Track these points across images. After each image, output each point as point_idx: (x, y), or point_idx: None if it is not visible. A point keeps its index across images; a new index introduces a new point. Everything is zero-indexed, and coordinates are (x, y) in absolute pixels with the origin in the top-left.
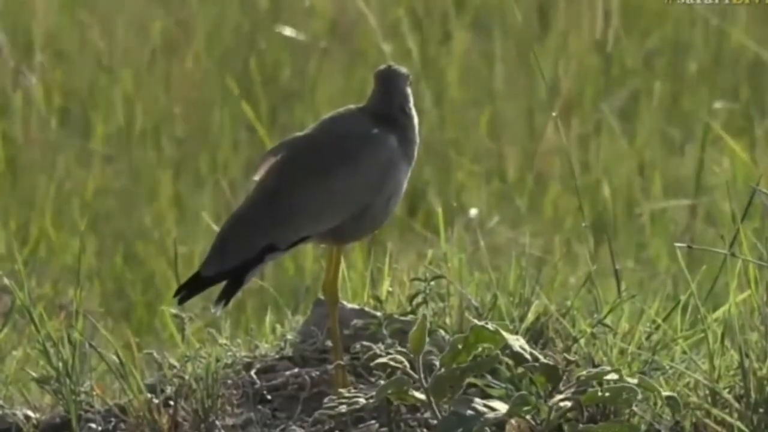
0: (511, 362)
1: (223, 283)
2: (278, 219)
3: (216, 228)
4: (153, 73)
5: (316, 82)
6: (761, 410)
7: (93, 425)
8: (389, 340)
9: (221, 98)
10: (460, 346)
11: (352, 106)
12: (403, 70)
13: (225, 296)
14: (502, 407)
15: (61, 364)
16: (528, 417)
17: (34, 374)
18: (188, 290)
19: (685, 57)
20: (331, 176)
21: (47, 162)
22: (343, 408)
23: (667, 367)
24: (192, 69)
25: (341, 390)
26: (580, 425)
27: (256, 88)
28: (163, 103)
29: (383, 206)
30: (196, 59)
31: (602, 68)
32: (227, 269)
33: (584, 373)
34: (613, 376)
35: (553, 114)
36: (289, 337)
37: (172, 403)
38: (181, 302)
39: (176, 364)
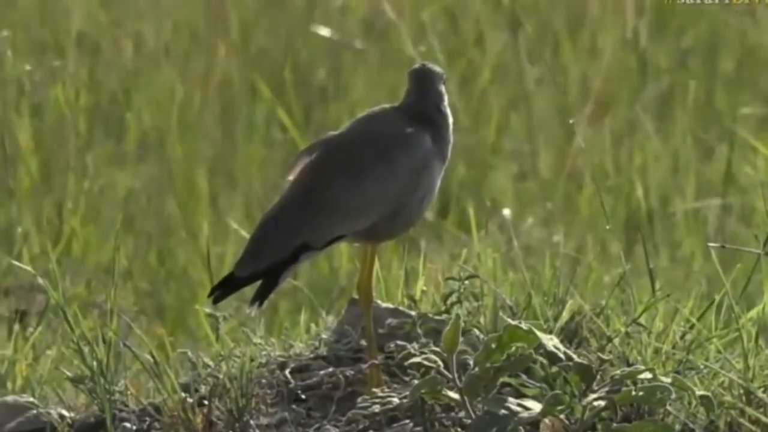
0: (545, 361)
1: (258, 283)
2: (313, 218)
3: (247, 231)
4: (186, 73)
5: (349, 82)
6: None
7: (127, 425)
8: (423, 340)
9: (255, 98)
10: (494, 346)
11: (386, 105)
12: (438, 69)
13: (259, 296)
14: (536, 407)
15: (95, 364)
16: (562, 416)
17: (68, 373)
18: (222, 290)
19: (718, 56)
20: (366, 175)
21: (79, 161)
22: (377, 408)
23: (702, 367)
24: (226, 68)
25: (375, 389)
26: (614, 424)
27: (290, 88)
28: (196, 103)
29: (417, 205)
30: (230, 58)
31: (635, 67)
32: (262, 269)
33: (618, 372)
34: (647, 375)
35: (570, 121)
36: (323, 336)
37: (206, 402)
38: (215, 302)
39: (210, 363)
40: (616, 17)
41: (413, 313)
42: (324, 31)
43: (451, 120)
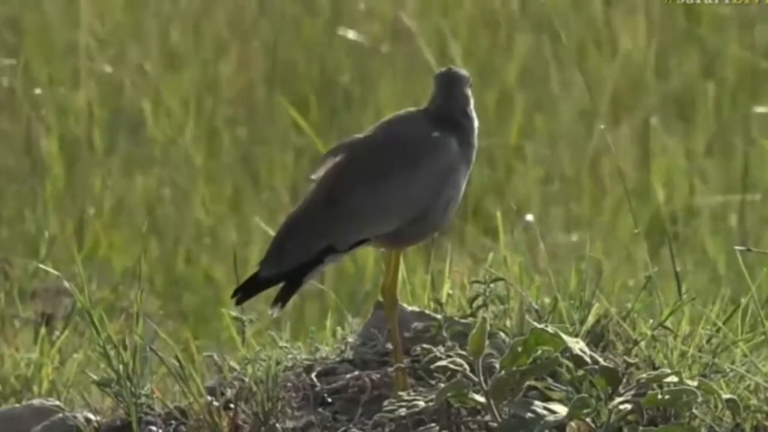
0: (570, 365)
1: (281, 285)
2: (337, 221)
3: (272, 234)
4: (211, 75)
5: (375, 85)
6: None
7: (153, 428)
8: (450, 343)
9: (280, 101)
10: (519, 349)
11: (412, 109)
12: (464, 72)
13: (282, 298)
14: (562, 410)
15: (121, 367)
16: (588, 420)
17: (94, 377)
18: (246, 291)
19: (737, 58)
20: (391, 179)
21: (104, 165)
22: (403, 411)
23: (728, 370)
24: (251, 71)
25: (401, 393)
26: (640, 428)
27: (315, 91)
28: (221, 106)
29: (442, 209)
30: (256, 61)
31: (657, 70)
32: (286, 270)
33: (644, 375)
34: (673, 378)
35: (602, 126)
36: (349, 339)
37: (232, 405)
38: (238, 303)
39: (236, 366)
40: (637, 20)
41: (439, 316)
42: (351, 35)
43: (476, 124)
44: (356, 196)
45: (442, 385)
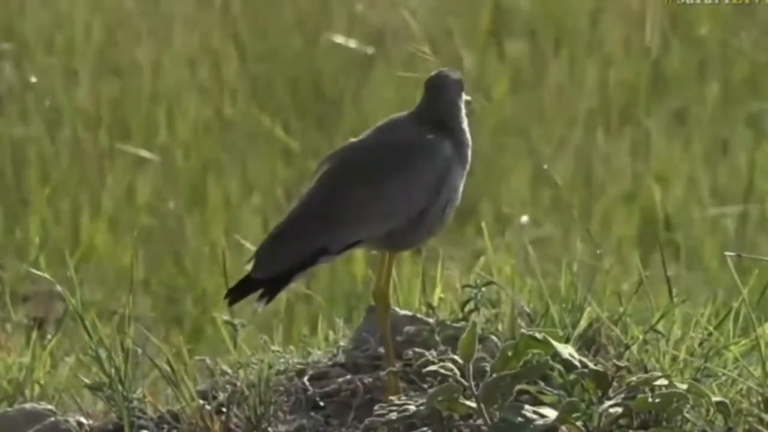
0: (561, 368)
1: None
2: (332, 222)
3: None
4: (201, 81)
5: (365, 90)
6: None
7: None
8: (442, 347)
9: (270, 107)
10: (510, 353)
11: (405, 113)
12: (455, 75)
13: (268, 294)
14: (552, 414)
15: (113, 371)
16: (578, 423)
17: (86, 381)
18: (238, 292)
19: (735, 62)
20: (387, 182)
21: (98, 169)
22: (394, 415)
23: (720, 374)
24: (240, 77)
25: (393, 397)
26: (630, 431)
27: (306, 97)
28: (212, 112)
29: (439, 212)
30: (244, 67)
31: (653, 74)
32: (278, 271)
33: (634, 378)
34: (663, 381)
35: (545, 166)
36: (341, 343)
37: (224, 409)
38: (230, 304)
39: (228, 370)
40: (632, 24)
41: (431, 320)
42: (340, 39)
43: (466, 127)
44: (352, 199)
45: (434, 389)
